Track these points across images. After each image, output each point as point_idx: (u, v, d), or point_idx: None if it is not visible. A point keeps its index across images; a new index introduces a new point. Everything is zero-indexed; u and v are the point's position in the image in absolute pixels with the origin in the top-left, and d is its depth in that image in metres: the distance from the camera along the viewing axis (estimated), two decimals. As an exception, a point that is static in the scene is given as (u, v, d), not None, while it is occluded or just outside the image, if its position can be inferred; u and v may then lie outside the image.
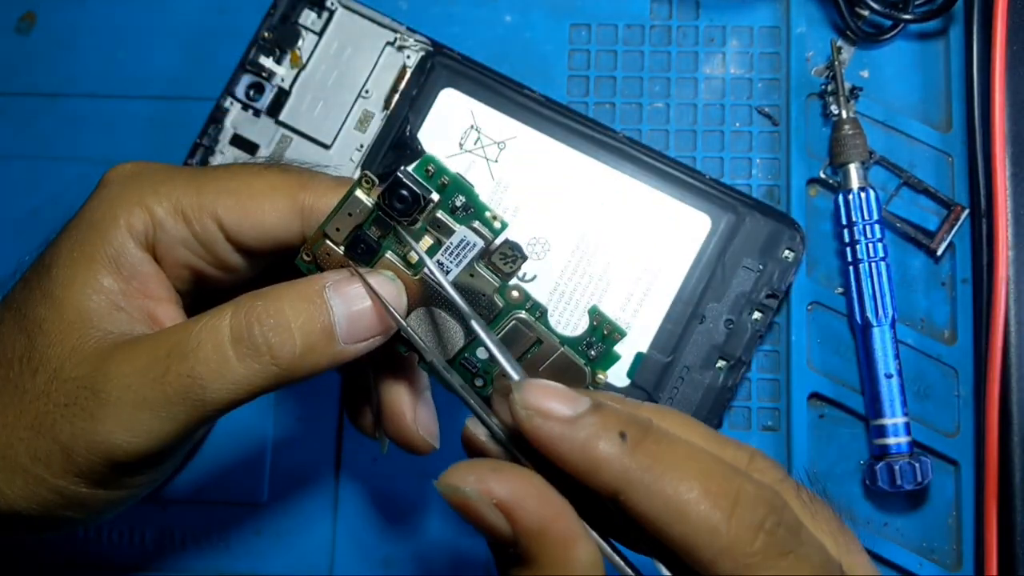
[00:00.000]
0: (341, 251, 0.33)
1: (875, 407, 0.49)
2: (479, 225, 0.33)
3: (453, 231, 0.33)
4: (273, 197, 0.35)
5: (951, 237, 0.51)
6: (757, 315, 0.49)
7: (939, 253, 0.51)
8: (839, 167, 0.51)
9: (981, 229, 0.50)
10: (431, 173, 0.33)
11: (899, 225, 0.51)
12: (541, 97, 0.50)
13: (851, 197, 0.50)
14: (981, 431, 0.48)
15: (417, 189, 0.32)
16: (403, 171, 0.32)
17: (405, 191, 0.32)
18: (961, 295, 0.51)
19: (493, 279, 0.34)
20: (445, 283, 0.33)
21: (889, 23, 0.52)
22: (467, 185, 0.33)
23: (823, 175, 0.52)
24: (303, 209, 0.35)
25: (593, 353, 0.34)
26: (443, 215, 0.33)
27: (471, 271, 0.34)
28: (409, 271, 0.34)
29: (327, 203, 0.35)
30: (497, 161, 0.50)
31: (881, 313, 0.49)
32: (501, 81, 0.50)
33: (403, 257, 0.33)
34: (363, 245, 0.33)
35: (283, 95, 0.52)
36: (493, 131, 0.50)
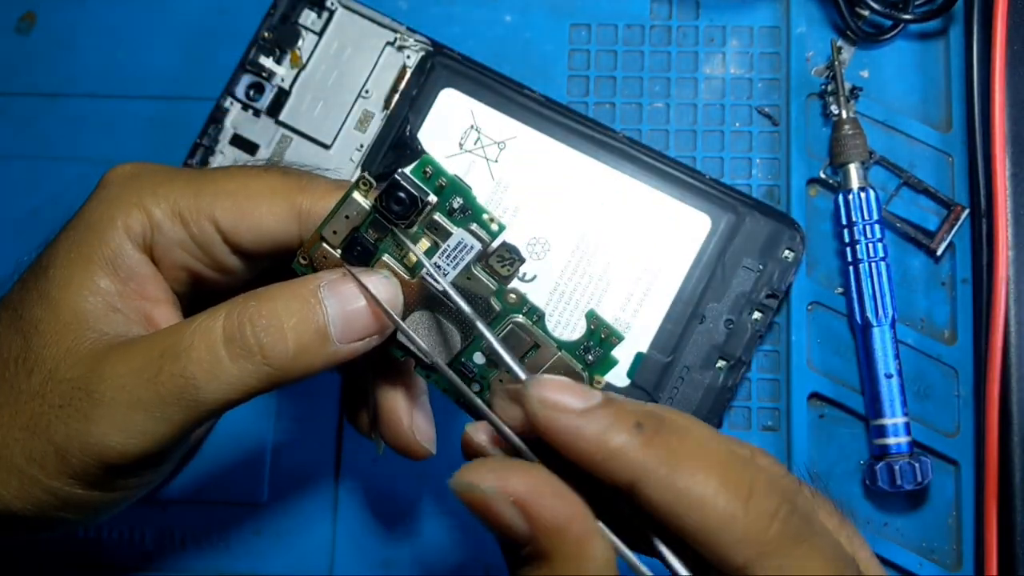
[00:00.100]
0: (338, 254, 0.33)
1: (875, 407, 0.49)
2: (477, 227, 0.33)
3: (450, 233, 0.33)
4: (271, 200, 0.35)
5: (951, 237, 0.51)
6: (757, 315, 0.49)
7: (939, 253, 0.51)
8: (839, 167, 0.51)
9: (981, 229, 0.50)
10: (429, 175, 0.33)
11: (899, 225, 0.51)
12: (541, 97, 0.50)
13: (851, 197, 0.50)
14: (981, 431, 0.48)
15: (415, 191, 0.32)
16: (400, 173, 0.32)
17: (402, 193, 0.32)
18: (961, 295, 0.51)
19: (490, 282, 0.33)
20: (445, 285, 0.33)
21: (889, 23, 0.52)
22: (465, 187, 0.33)
23: (823, 175, 0.52)
24: (301, 212, 0.35)
25: (591, 357, 0.34)
26: (440, 217, 0.33)
27: (468, 274, 0.33)
28: (406, 274, 0.33)
29: (325, 206, 0.34)
30: (497, 161, 0.50)
31: (881, 313, 0.49)
32: (501, 81, 0.50)
33: (400, 260, 0.33)
34: (360, 248, 0.33)
35: (283, 95, 0.52)
36: (493, 131, 0.50)
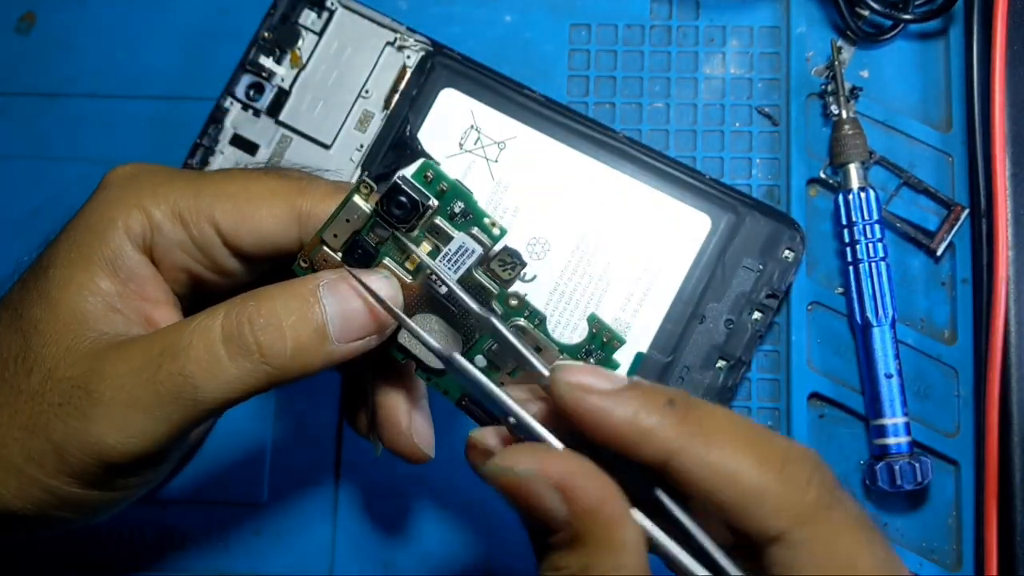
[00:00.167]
0: (338, 257, 0.33)
1: (875, 407, 0.49)
2: (478, 231, 0.33)
3: (452, 237, 0.33)
4: (271, 202, 0.35)
5: (951, 237, 0.51)
6: (757, 315, 0.49)
7: (939, 253, 0.51)
8: (839, 167, 0.51)
9: (981, 229, 0.50)
10: (430, 179, 0.33)
11: (899, 225, 0.51)
12: (541, 97, 0.50)
13: (851, 197, 0.50)
14: (981, 431, 0.48)
15: (416, 195, 0.32)
16: (402, 177, 0.32)
17: (404, 197, 0.32)
18: (961, 295, 0.51)
19: (492, 286, 0.34)
20: (452, 284, 0.33)
21: (889, 23, 0.52)
22: (466, 191, 0.33)
23: (823, 175, 0.52)
24: (301, 214, 0.35)
25: (592, 361, 0.34)
26: (442, 221, 0.33)
27: (469, 278, 0.34)
28: (407, 277, 0.33)
29: (325, 209, 0.35)
30: (497, 161, 0.50)
31: (881, 313, 0.49)
32: (501, 81, 0.50)
33: (401, 264, 0.33)
34: (360, 251, 0.33)
35: (283, 95, 0.52)
36: (493, 131, 0.50)
